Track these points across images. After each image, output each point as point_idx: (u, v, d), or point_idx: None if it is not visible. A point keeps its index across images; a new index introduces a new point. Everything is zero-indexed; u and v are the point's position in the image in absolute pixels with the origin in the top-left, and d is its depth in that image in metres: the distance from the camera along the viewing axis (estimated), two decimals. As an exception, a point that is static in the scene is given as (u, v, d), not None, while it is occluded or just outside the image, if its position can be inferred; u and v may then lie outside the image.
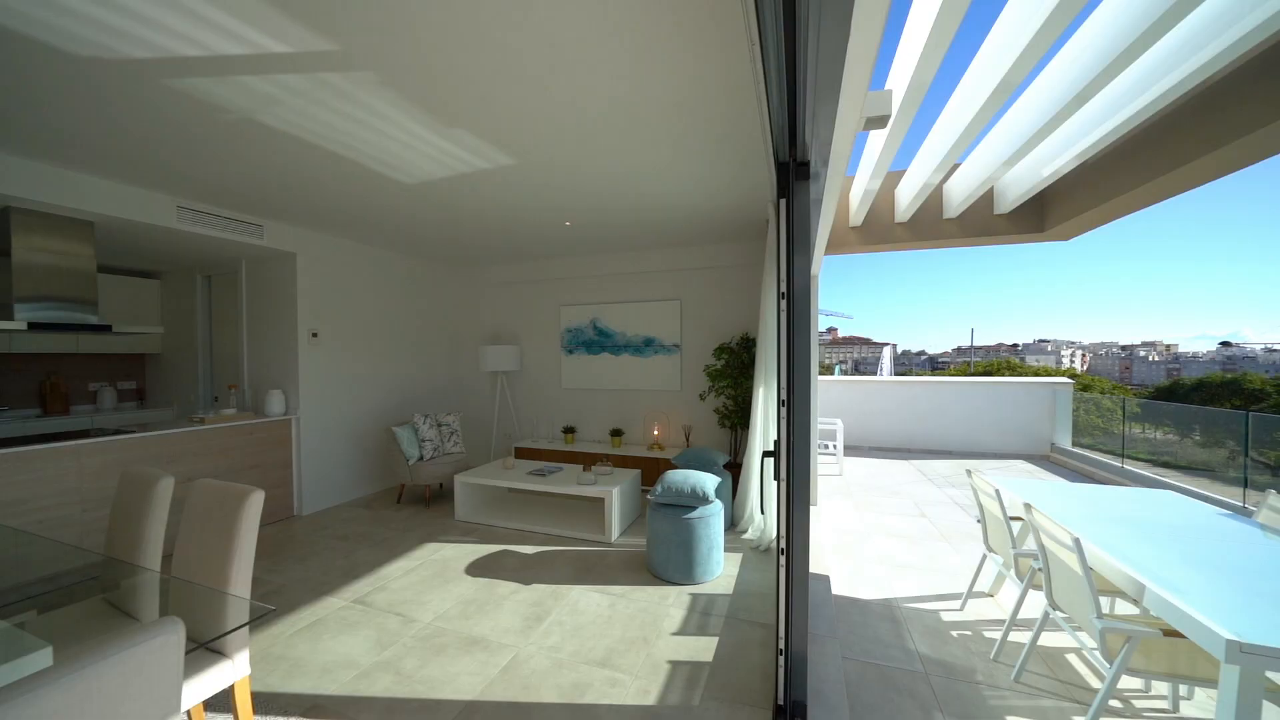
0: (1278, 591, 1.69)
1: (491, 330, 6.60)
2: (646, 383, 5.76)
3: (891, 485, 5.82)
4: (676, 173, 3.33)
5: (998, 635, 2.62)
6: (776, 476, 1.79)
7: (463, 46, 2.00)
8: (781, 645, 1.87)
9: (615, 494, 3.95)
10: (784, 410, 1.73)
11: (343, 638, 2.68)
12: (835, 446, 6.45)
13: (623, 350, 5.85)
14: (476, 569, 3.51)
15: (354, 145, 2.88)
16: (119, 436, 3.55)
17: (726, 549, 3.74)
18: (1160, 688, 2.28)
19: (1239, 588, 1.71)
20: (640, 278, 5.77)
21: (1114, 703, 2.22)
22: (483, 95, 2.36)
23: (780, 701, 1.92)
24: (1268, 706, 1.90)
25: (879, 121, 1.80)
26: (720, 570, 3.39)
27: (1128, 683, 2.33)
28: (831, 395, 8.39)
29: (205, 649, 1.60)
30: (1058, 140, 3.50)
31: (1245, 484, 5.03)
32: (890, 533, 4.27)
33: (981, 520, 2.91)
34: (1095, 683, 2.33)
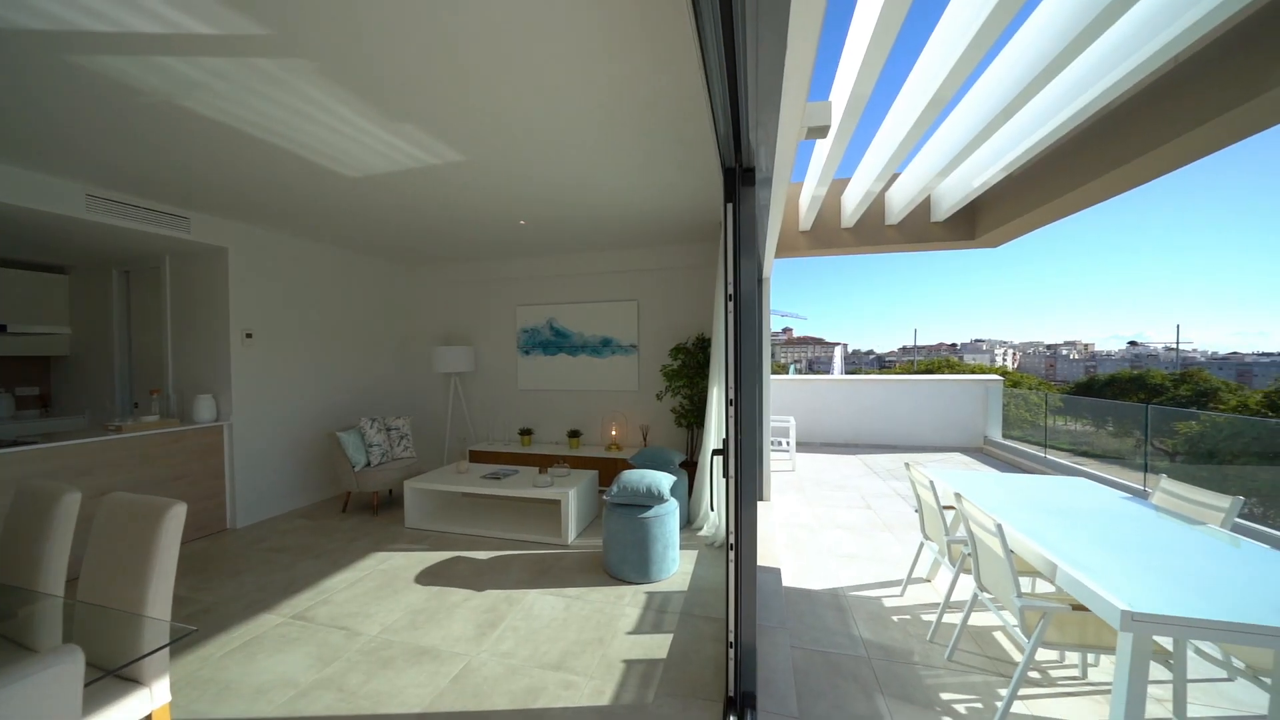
0: (1166, 566, 1.89)
1: (445, 330, 6.41)
2: (604, 383, 5.76)
3: (840, 479, 6.07)
4: (631, 175, 3.35)
5: (934, 618, 2.79)
6: (725, 474, 1.83)
7: (406, 40, 1.93)
8: (731, 639, 1.92)
9: (572, 496, 3.93)
10: (732, 409, 1.78)
11: (280, 656, 2.54)
12: (788, 443, 6.66)
13: (580, 351, 5.82)
14: (427, 577, 3.40)
15: (292, 136, 2.73)
16: (17, 448, 3.21)
17: (682, 546, 3.79)
18: (1072, 657, 2.49)
19: (1134, 564, 1.90)
20: (597, 278, 5.76)
21: (1033, 673, 2.40)
22: (430, 91, 2.29)
23: (731, 693, 1.97)
24: (1155, 668, 2.12)
25: (819, 131, 1.88)
26: (676, 568, 3.43)
27: (1045, 655, 2.53)
28: (785, 394, 8.66)
29: (115, 677, 1.47)
30: (985, 154, 3.76)
31: (1146, 469, 5.58)
32: (838, 525, 4.45)
33: (919, 510, 3.08)
34: (1018, 657, 2.52)
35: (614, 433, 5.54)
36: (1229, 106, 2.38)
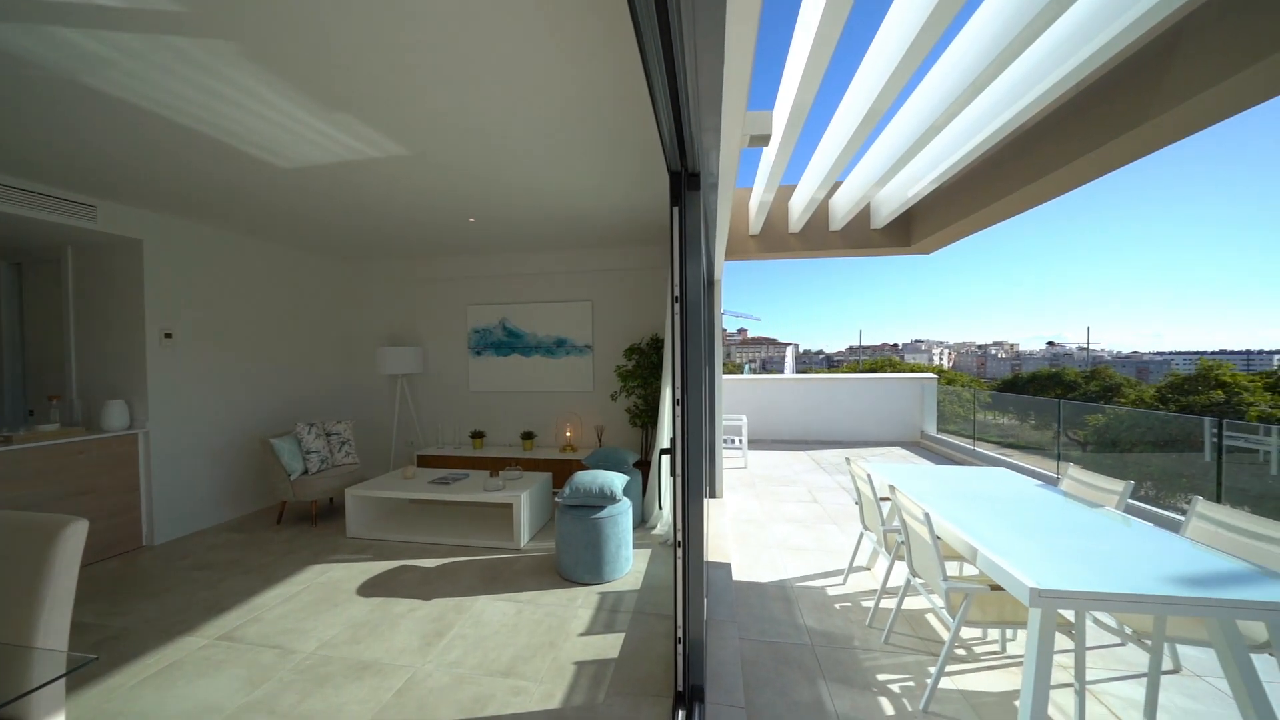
0: (1069, 546, 2.08)
1: (391, 330, 6.15)
2: (559, 384, 5.70)
3: (789, 474, 6.29)
4: (584, 176, 3.34)
5: (872, 604, 2.94)
6: (673, 472, 1.86)
7: (339, 26, 1.85)
8: (679, 635, 1.96)
9: (524, 498, 3.87)
10: (679, 409, 1.81)
11: (204, 680, 2.36)
12: (740, 441, 6.83)
13: (534, 351, 5.74)
14: (370, 588, 3.25)
15: (215, 121, 2.55)
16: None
17: (636, 546, 3.82)
18: (993, 634, 2.69)
19: (1042, 545, 2.08)
20: (551, 278, 5.70)
21: (959, 651, 2.58)
22: (369, 82, 2.20)
23: (679, 688, 2.00)
24: (1061, 638, 2.33)
25: (761, 140, 1.95)
26: (629, 567, 3.45)
27: (970, 633, 2.72)
28: (739, 393, 8.87)
29: None
30: (918, 166, 4.00)
31: (1059, 458, 6.11)
32: (787, 519, 4.61)
33: (859, 503, 3.24)
34: (947, 636, 2.70)
35: (568, 434, 5.50)
36: (1118, 133, 2.65)
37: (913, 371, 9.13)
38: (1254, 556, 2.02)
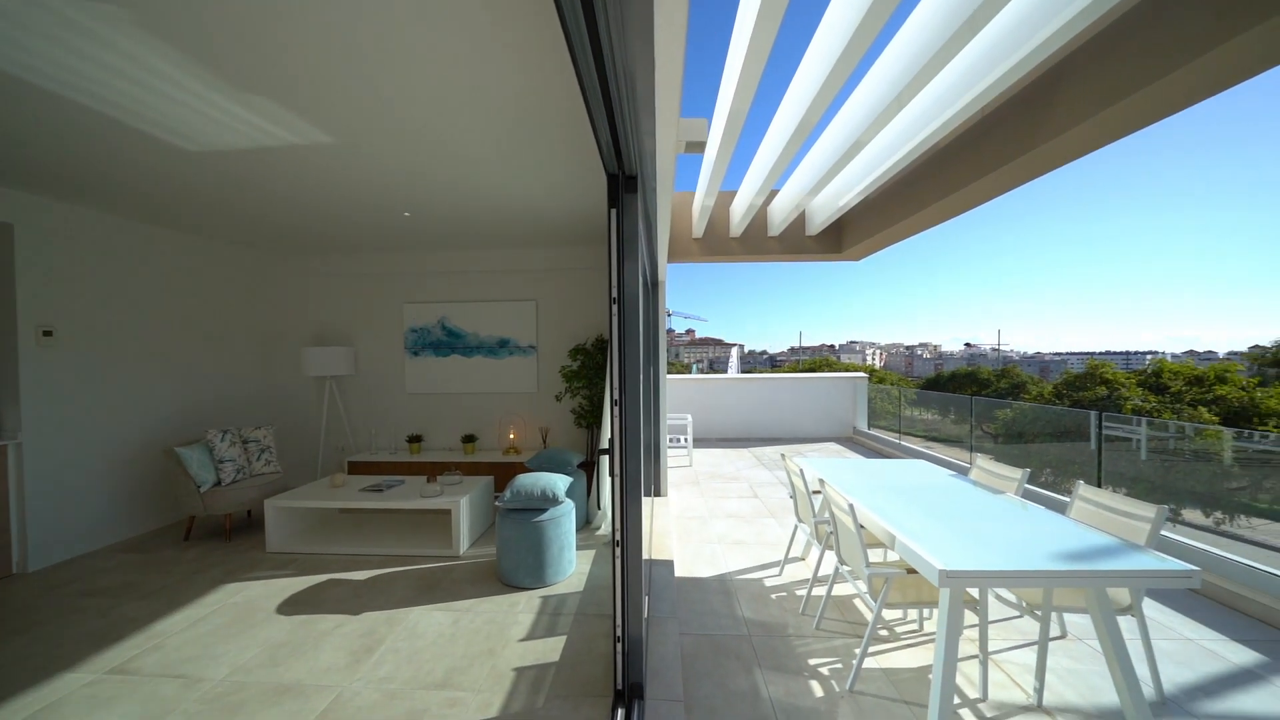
0: (974, 529, 2.28)
1: (319, 329, 5.76)
2: (501, 385, 5.57)
3: (733, 471, 6.48)
4: (527, 174, 3.28)
5: (805, 592, 3.09)
6: (611, 473, 1.87)
7: (258, 3, 1.72)
8: (618, 633, 1.97)
9: (464, 504, 3.75)
10: (617, 409, 1.83)
11: (88, 720, 2.11)
12: (686, 440, 6.96)
13: (475, 352, 5.57)
14: (292, 606, 3.04)
15: (105, 96, 2.29)
16: None
17: (580, 547, 3.80)
18: (912, 614, 2.90)
19: (951, 530, 2.27)
20: (493, 276, 5.56)
21: (883, 632, 2.76)
22: (287, 63, 2.06)
23: (619, 686, 2.01)
24: (970, 615, 2.55)
25: (696, 147, 2.00)
26: (573, 569, 3.43)
27: (892, 614, 2.92)
28: (685, 393, 9.03)
29: None
30: (847, 177, 4.25)
31: (972, 449, 6.67)
32: (729, 514, 4.75)
33: (793, 497, 3.39)
34: (871, 619, 2.88)
35: (512, 436, 5.39)
36: (1014, 156, 2.95)
37: (847, 371, 9.67)
38: (1121, 532, 2.31)
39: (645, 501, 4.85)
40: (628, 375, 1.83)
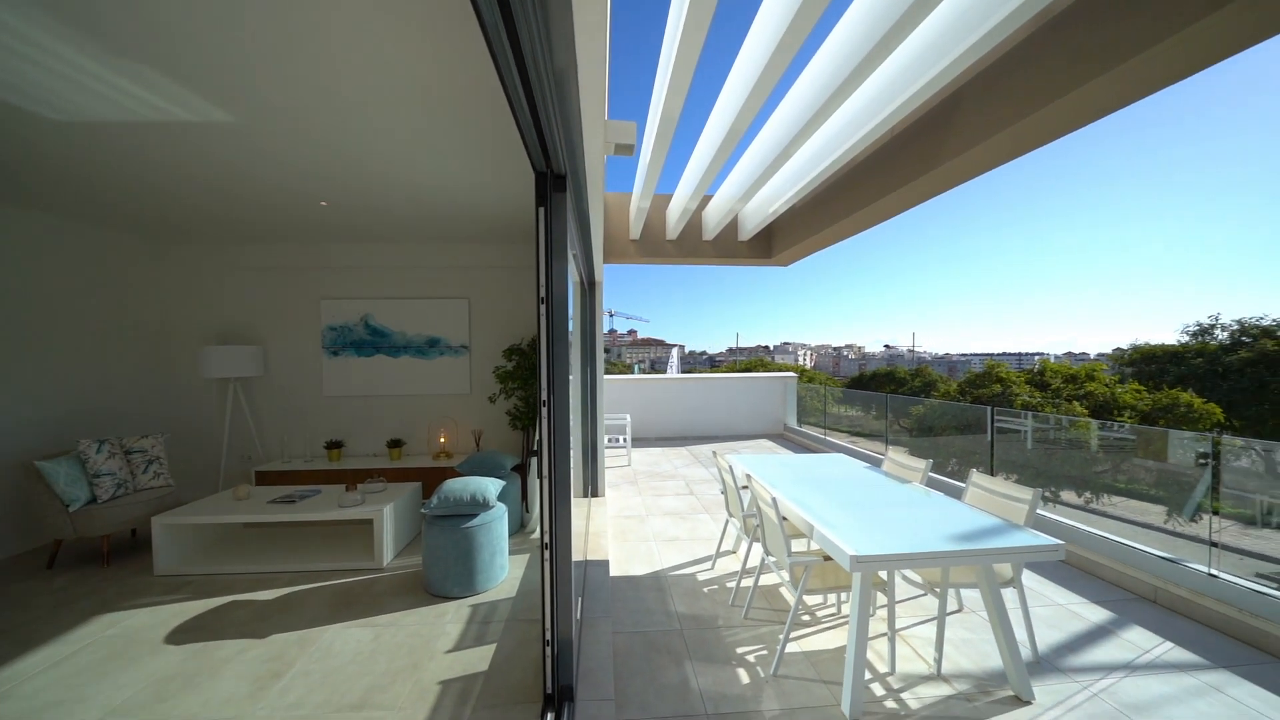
0: (883, 517, 2.47)
1: (221, 326, 5.23)
2: (432, 387, 5.33)
3: (669, 469, 6.59)
4: (457, 168, 3.17)
5: (735, 584, 3.20)
6: (540, 474, 1.85)
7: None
8: (548, 637, 1.95)
9: (387, 513, 3.55)
10: (545, 410, 1.81)
11: (-87, 786, 1.79)
12: (625, 439, 6.99)
13: (402, 351, 5.29)
14: (185, 633, 2.74)
15: (-67, 51, 1.95)
16: None
17: (513, 551, 3.72)
18: (831, 598, 3.09)
19: (863, 518, 2.44)
20: (423, 273, 5.31)
21: (805, 617, 2.92)
22: (171, 28, 1.85)
23: (549, 690, 1.99)
24: (879, 596, 2.76)
25: (625, 149, 2.02)
26: (505, 575, 3.34)
27: (813, 600, 3.09)
28: (626, 393, 9.07)
29: None
30: (774, 186, 4.46)
31: (887, 442, 7.21)
32: (665, 512, 4.83)
33: (724, 492, 3.51)
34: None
35: (443, 440, 5.17)
36: (919, 174, 3.23)
37: (780, 371, 10.12)
38: (1005, 513, 2.59)
39: (582, 502, 4.84)
40: (557, 376, 1.81)
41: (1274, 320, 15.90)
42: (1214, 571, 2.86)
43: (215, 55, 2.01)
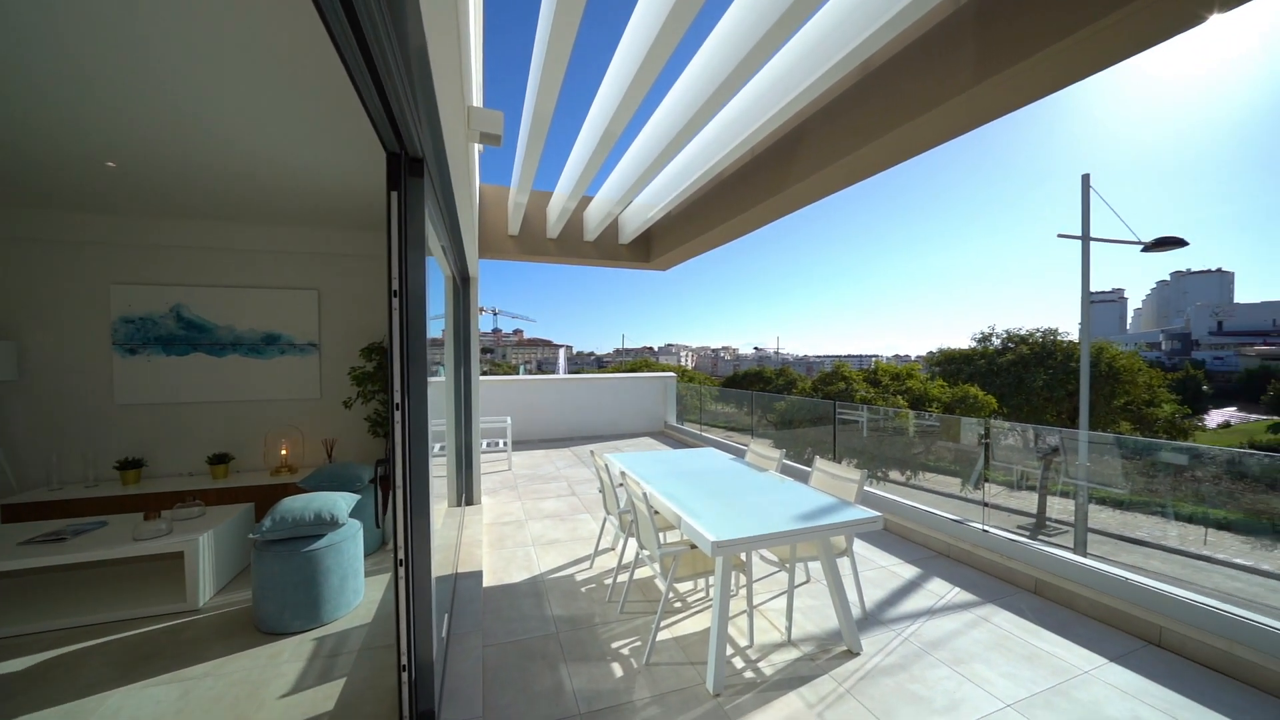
0: (742, 503, 2.69)
1: (-56, 317, 3.93)
2: (271, 391, 4.59)
3: (552, 471, 6.48)
4: (296, 138, 2.76)
5: (612, 581, 3.24)
6: (393, 485, 1.69)
7: None
8: (405, 661, 1.78)
9: (204, 541, 2.97)
10: (399, 414, 1.65)
11: None
12: (505, 443, 6.72)
13: (230, 350, 4.48)
14: None
15: None
16: None
17: (371, 572, 3.36)
18: (701, 584, 3.29)
19: (724, 506, 2.64)
20: (258, 257, 4.55)
21: (677, 604, 3.06)
22: None
23: (406, 719, 1.82)
24: (741, 576, 3.00)
25: (493, 139, 1.94)
26: (360, 599, 3.00)
27: (685, 587, 3.26)
28: (508, 394, 8.72)
29: None
30: (651, 193, 4.63)
31: (752, 434, 7.89)
32: (546, 515, 4.73)
33: (601, 490, 3.54)
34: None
35: (284, 452, 4.48)
36: (771, 194, 3.60)
37: (664, 371, 10.53)
38: (840, 493, 2.98)
39: (455, 512, 4.55)
40: (413, 377, 1.67)
41: (1028, 330, 20.65)
42: (986, 528, 3.59)
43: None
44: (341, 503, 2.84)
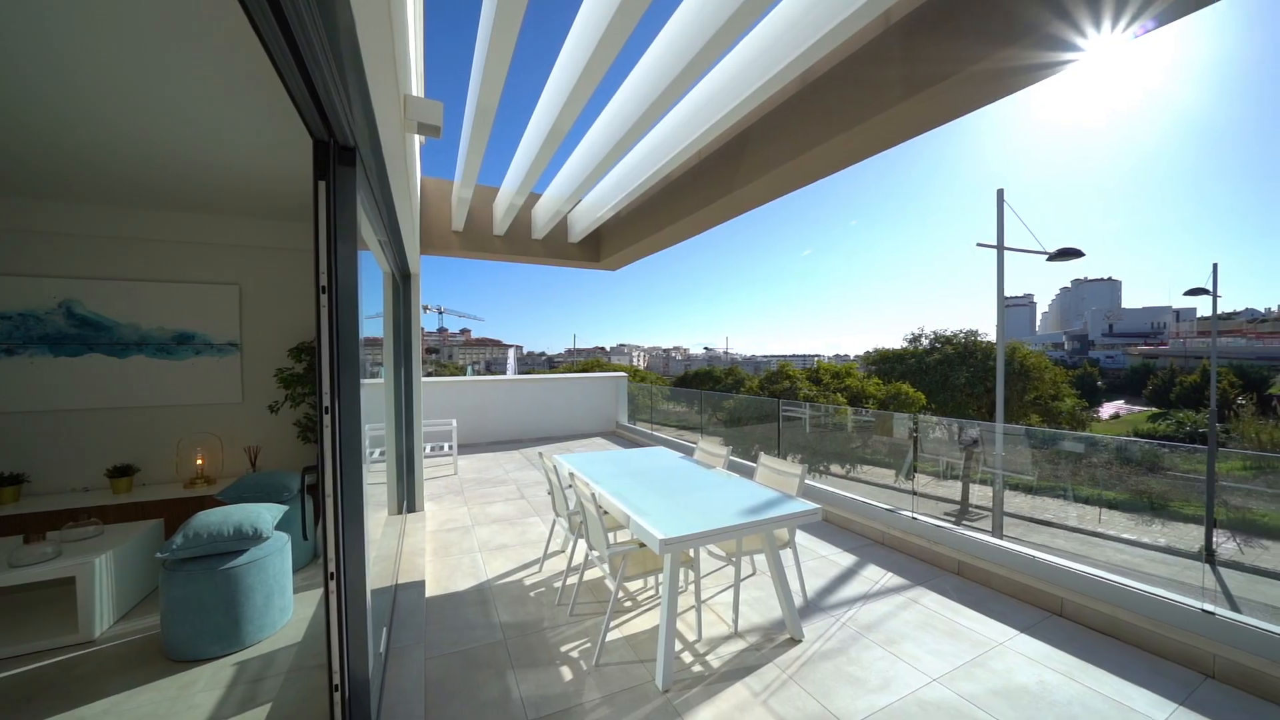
0: (689, 501, 2.74)
1: None
2: (184, 395, 4.19)
3: (500, 474, 6.32)
4: (210, 114, 2.53)
5: (562, 584, 3.20)
6: (323, 493, 1.58)
7: None
8: (337, 680, 1.68)
9: (100, 564, 2.67)
10: (328, 418, 1.55)
11: None
12: (450, 446, 6.48)
13: (132, 350, 4.05)
14: None
15: None
16: None
17: (301, 588, 3.14)
18: (650, 582, 3.31)
19: (672, 504, 2.67)
20: (169, 248, 4.14)
21: (628, 603, 3.07)
22: None
23: (338, 742, 1.72)
24: (686, 573, 3.05)
25: (432, 130, 1.86)
26: (288, 617, 2.80)
27: (635, 586, 3.27)
28: (454, 396, 8.41)
29: None
30: (600, 193, 4.62)
31: (702, 432, 8.05)
32: (493, 519, 4.61)
33: (550, 492, 3.49)
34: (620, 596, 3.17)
35: (200, 462, 4.10)
36: (718, 197, 3.68)
37: (613, 371, 10.51)
38: (782, 487, 3.09)
39: (395, 520, 4.33)
40: (344, 378, 1.57)
41: (953, 331, 22.34)
42: (915, 515, 3.85)
43: None
44: (265, 515, 2.63)
